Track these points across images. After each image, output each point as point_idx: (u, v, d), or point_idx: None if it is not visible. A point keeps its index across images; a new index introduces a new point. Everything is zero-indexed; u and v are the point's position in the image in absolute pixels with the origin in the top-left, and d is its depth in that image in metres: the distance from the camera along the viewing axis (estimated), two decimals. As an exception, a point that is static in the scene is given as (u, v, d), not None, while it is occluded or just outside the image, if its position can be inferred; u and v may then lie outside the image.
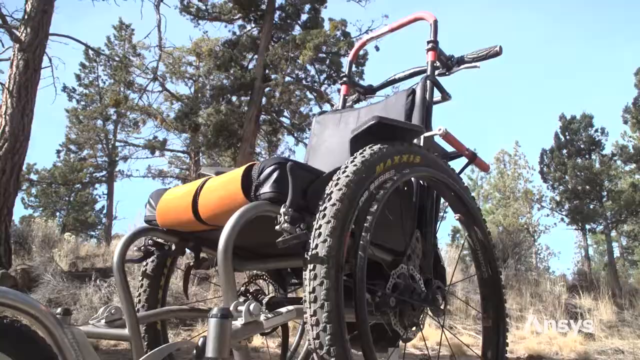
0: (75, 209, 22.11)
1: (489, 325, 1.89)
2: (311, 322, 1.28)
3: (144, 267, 1.93)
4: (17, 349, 1.13)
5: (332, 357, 1.25)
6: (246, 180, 1.44)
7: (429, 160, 1.78)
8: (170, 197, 1.67)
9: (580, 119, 17.16)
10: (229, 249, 1.30)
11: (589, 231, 18.02)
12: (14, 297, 1.18)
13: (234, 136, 12.30)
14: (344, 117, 2.35)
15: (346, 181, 1.43)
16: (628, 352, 7.05)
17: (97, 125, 17.56)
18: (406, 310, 1.62)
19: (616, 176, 16.63)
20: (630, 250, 28.35)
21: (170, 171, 18.97)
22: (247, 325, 1.21)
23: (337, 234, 1.34)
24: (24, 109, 6.65)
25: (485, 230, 1.94)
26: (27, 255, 8.74)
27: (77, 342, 1.26)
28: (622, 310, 11.48)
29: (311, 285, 1.30)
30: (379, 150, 1.56)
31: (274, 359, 4.08)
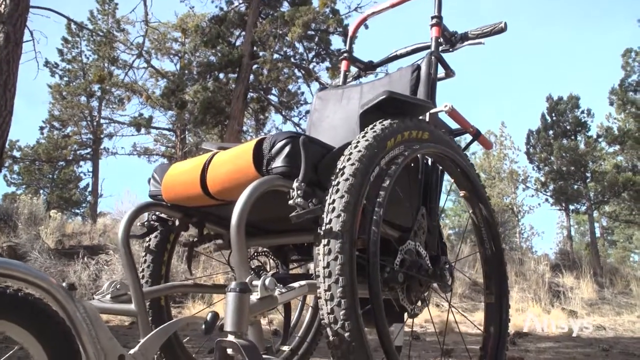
0: (59, 186, 21.83)
1: (491, 301, 1.91)
2: (325, 296, 1.28)
3: (147, 242, 1.91)
4: (32, 322, 1.11)
5: (347, 332, 1.25)
6: (257, 154, 1.42)
7: (437, 137, 1.78)
8: (177, 172, 1.65)
9: (567, 100, 17.28)
10: (242, 223, 1.29)
11: (572, 212, 18.30)
12: (25, 270, 1.16)
13: (221, 114, 12.17)
14: (347, 92, 2.32)
15: (358, 156, 1.42)
16: (609, 328, 7.22)
17: (81, 101, 17.24)
18: (414, 286, 1.63)
19: (600, 157, 16.85)
20: (610, 231, 28.94)
21: (156, 149, 18.78)
22: (262, 300, 1.20)
23: (350, 208, 1.33)
24: (6, 84, 6.48)
25: (489, 207, 1.94)
26: (12, 233, 8.64)
27: (89, 316, 1.25)
28: (602, 289, 11.76)
29: (325, 260, 1.29)
30: (389, 126, 1.55)
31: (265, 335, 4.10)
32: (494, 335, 1.86)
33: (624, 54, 16.08)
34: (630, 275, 13.49)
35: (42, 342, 1.13)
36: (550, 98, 17.59)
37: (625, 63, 16.06)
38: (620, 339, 6.07)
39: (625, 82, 16.11)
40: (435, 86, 2.09)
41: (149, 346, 1.40)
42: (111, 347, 1.28)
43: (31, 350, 1.13)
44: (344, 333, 1.25)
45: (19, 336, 1.11)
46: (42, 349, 1.13)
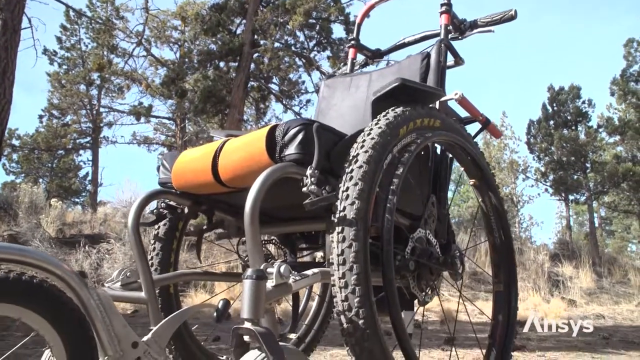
0: (58, 175, 21.79)
1: (500, 290, 1.91)
2: (339, 284, 1.27)
3: (155, 230, 1.90)
4: (48, 309, 1.11)
5: (361, 319, 1.25)
6: (270, 141, 1.41)
7: (448, 125, 1.77)
8: (187, 159, 1.64)
9: (568, 90, 17.23)
10: (255, 210, 1.28)
11: (571, 202, 18.32)
12: (39, 257, 1.15)
13: (221, 103, 12.12)
14: (355, 80, 2.31)
15: (372, 143, 1.41)
16: (609, 317, 7.26)
17: (81, 90, 17.13)
18: (424, 274, 1.63)
19: (600, 148, 16.84)
20: (609, 221, 29.00)
21: (155, 138, 18.72)
22: (277, 287, 1.19)
23: (364, 196, 1.33)
24: (4, 72, 6.44)
25: (499, 196, 1.94)
26: (12, 221, 8.63)
27: (102, 303, 1.25)
28: (600, 278, 11.80)
29: (339, 247, 1.29)
30: (402, 113, 1.54)
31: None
32: (503, 323, 1.86)
33: (626, 44, 16.02)
34: (628, 265, 13.54)
35: (58, 329, 1.13)
36: (551, 88, 17.54)
37: (627, 53, 16.00)
38: (620, 327, 6.11)
39: (626, 73, 16.06)
40: (445, 74, 2.08)
41: (162, 333, 1.40)
42: (125, 334, 1.28)
43: (47, 337, 1.13)
44: (358, 320, 1.25)
45: (35, 323, 1.11)
46: (58, 335, 1.13)
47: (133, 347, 1.30)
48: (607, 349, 3.95)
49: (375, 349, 1.26)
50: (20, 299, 1.08)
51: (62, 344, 1.13)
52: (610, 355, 3.53)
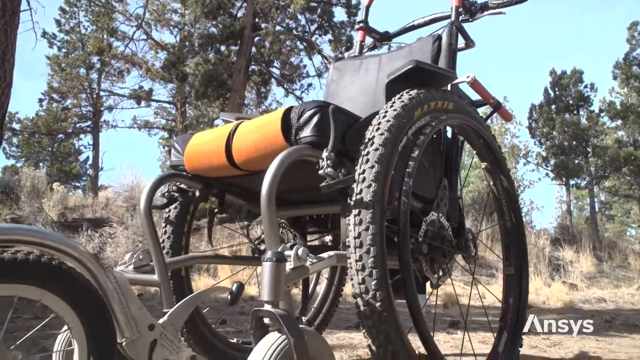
0: (58, 159, 21.75)
1: (511, 273, 1.92)
2: (356, 267, 1.28)
3: (167, 213, 1.90)
4: (67, 291, 1.10)
5: (378, 302, 1.25)
6: (285, 123, 1.40)
7: (461, 107, 1.76)
8: (200, 142, 1.63)
9: (570, 75, 17.11)
10: (272, 193, 1.27)
11: (572, 186, 18.32)
12: (57, 239, 1.15)
13: (222, 87, 12.04)
14: (364, 63, 2.29)
15: (387, 126, 1.40)
16: (610, 300, 7.30)
17: (80, 73, 17.03)
18: (437, 257, 1.63)
19: (602, 132, 16.78)
20: (608, 206, 29.06)
21: (156, 122, 18.66)
22: (295, 269, 1.19)
23: (381, 179, 1.32)
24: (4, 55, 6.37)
25: (510, 179, 1.93)
26: (14, 205, 8.64)
27: (119, 285, 1.25)
28: (601, 262, 11.86)
29: (356, 230, 1.29)
30: (416, 95, 1.53)
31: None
32: (514, 306, 1.86)
33: (630, 27, 15.88)
34: (628, 249, 13.59)
35: (77, 311, 1.13)
36: (553, 72, 17.42)
37: (631, 36, 15.87)
38: (621, 310, 6.14)
39: (629, 56, 15.95)
40: (456, 57, 2.06)
41: (177, 315, 1.40)
42: (141, 316, 1.28)
43: (66, 319, 1.13)
44: (376, 303, 1.25)
45: (54, 304, 1.10)
46: (78, 317, 1.13)
47: (149, 329, 1.30)
48: (610, 332, 3.97)
49: (392, 332, 1.26)
50: (40, 281, 1.07)
51: (81, 326, 1.13)
52: (614, 338, 3.55)
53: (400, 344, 1.28)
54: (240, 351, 2.00)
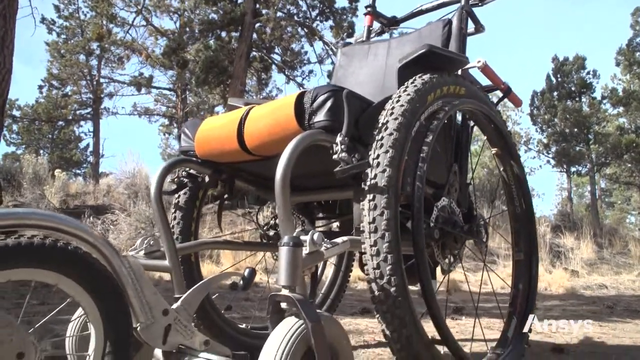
0: (59, 147, 21.73)
1: (520, 258, 1.92)
2: (371, 252, 1.27)
3: (176, 199, 1.89)
4: (84, 276, 1.10)
5: (393, 287, 1.25)
6: (298, 107, 1.39)
7: (473, 92, 1.75)
8: (211, 127, 1.61)
9: (573, 61, 17.04)
10: (286, 178, 1.27)
11: (573, 174, 18.33)
12: (72, 224, 1.14)
13: (223, 73, 11.99)
14: (373, 48, 2.27)
15: (401, 110, 1.39)
16: (611, 286, 7.33)
17: (80, 60, 16.95)
18: (449, 243, 1.62)
19: (604, 119, 16.75)
20: (608, 193, 29.10)
21: (156, 109, 18.62)
22: (310, 254, 1.19)
23: (395, 164, 1.32)
24: (4, 40, 6.31)
25: (521, 164, 1.93)
26: (16, 192, 8.64)
27: (133, 271, 1.24)
28: (601, 249, 11.90)
29: (371, 215, 1.28)
30: (429, 80, 1.52)
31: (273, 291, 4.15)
32: (523, 291, 1.87)
33: (634, 12, 15.77)
34: (628, 236, 13.63)
35: (94, 296, 1.12)
36: (555, 59, 17.34)
37: (635, 22, 15.77)
38: (622, 296, 6.17)
39: (633, 42, 15.86)
40: (466, 41, 2.05)
41: (191, 301, 1.40)
42: (155, 301, 1.28)
43: (83, 304, 1.12)
44: (390, 288, 1.25)
45: (71, 289, 1.10)
46: (94, 302, 1.13)
47: (164, 315, 1.30)
48: (612, 318, 3.99)
49: (406, 317, 1.26)
50: (57, 266, 1.07)
51: (97, 311, 1.13)
52: (617, 324, 3.57)
53: (414, 328, 1.28)
54: (250, 336, 2.01)
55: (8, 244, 1.01)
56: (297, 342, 1.01)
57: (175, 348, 1.33)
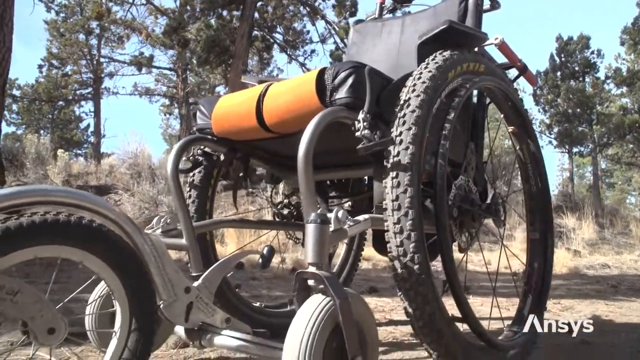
0: (59, 127, 21.66)
1: (536, 237, 1.91)
2: (394, 229, 1.27)
3: (191, 177, 1.88)
4: (108, 253, 1.10)
5: (416, 264, 1.25)
6: (320, 84, 1.37)
7: (492, 70, 1.73)
8: (228, 104, 1.59)
9: (577, 40, 16.88)
10: (309, 155, 1.25)
11: (575, 154, 18.30)
12: (94, 201, 1.14)
13: (225, 53, 11.89)
14: (387, 25, 2.24)
15: (423, 87, 1.37)
16: (614, 266, 7.37)
17: (80, 39, 16.79)
18: (467, 221, 1.62)
19: (607, 99, 16.65)
20: (609, 174, 29.12)
21: (157, 89, 18.51)
22: (335, 232, 1.18)
23: (418, 141, 1.30)
24: (2, 19, 6.23)
25: (537, 143, 1.92)
26: (19, 172, 8.62)
27: (155, 248, 1.24)
28: (602, 229, 11.94)
29: (394, 193, 1.27)
30: (450, 57, 1.50)
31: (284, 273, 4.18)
32: (538, 270, 1.87)
33: (639, -9, 15.57)
34: (629, 216, 13.67)
35: (118, 273, 1.13)
36: (559, 38, 17.18)
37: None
38: (625, 276, 6.21)
39: (638, 21, 15.68)
40: (482, 18, 2.02)
41: (211, 278, 1.40)
42: (177, 279, 1.28)
43: (108, 281, 1.13)
44: (414, 266, 1.25)
45: (96, 266, 1.10)
46: (119, 279, 1.13)
47: (186, 292, 1.30)
48: (617, 297, 4.02)
49: (429, 294, 1.26)
50: (81, 243, 1.07)
51: (123, 288, 1.13)
52: (623, 302, 3.59)
53: (437, 305, 1.28)
54: (264, 315, 2.02)
55: (35, 220, 1.00)
56: (325, 319, 1.01)
57: (197, 325, 1.33)
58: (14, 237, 0.97)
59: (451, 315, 1.36)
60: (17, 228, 0.98)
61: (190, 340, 1.34)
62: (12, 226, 0.97)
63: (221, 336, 1.30)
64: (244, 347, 1.28)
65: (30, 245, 1.00)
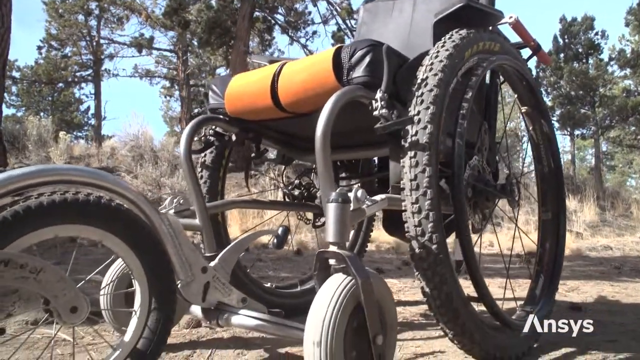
0: (59, 109, 21.55)
1: (548, 218, 1.91)
2: (412, 209, 1.26)
3: (202, 158, 1.87)
4: (127, 232, 1.10)
5: (434, 244, 1.24)
6: (337, 62, 1.35)
7: (507, 49, 1.71)
8: (242, 83, 1.58)
9: (581, 21, 16.72)
10: (327, 134, 1.24)
11: (577, 137, 18.25)
12: (112, 180, 1.13)
13: (226, 34, 11.77)
14: (397, 4, 2.21)
15: (441, 66, 1.36)
16: (616, 248, 7.39)
17: (79, 20, 16.61)
18: (481, 201, 1.61)
19: (610, 81, 16.55)
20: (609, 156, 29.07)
21: (157, 71, 18.38)
22: (354, 211, 1.18)
23: (436, 120, 1.29)
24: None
25: (551, 123, 1.90)
26: (20, 155, 8.60)
27: (172, 228, 1.23)
28: (604, 212, 11.97)
29: (412, 172, 1.26)
30: (467, 35, 1.48)
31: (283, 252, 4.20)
32: (550, 250, 1.87)
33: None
34: (630, 199, 13.70)
35: (137, 252, 1.12)
36: (563, 19, 17.01)
37: (646, -19, 15.40)
38: (628, 257, 6.23)
39: (644, 1, 15.52)
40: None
41: (227, 258, 1.40)
42: (194, 258, 1.28)
43: (127, 260, 1.12)
44: (432, 245, 1.24)
45: (115, 246, 1.10)
46: (138, 259, 1.12)
47: (202, 272, 1.30)
48: (622, 278, 4.03)
49: (447, 274, 1.26)
50: (100, 222, 1.06)
51: (142, 267, 1.13)
52: (627, 283, 3.61)
53: (454, 285, 1.28)
54: (275, 295, 2.02)
55: (55, 200, 1.00)
56: (347, 298, 1.00)
57: (213, 305, 1.33)
58: (35, 216, 0.97)
59: (467, 295, 1.36)
60: (38, 207, 0.97)
61: (207, 320, 1.34)
62: (33, 205, 0.97)
63: (238, 316, 1.30)
64: (262, 326, 1.28)
65: (51, 224, 1.00)
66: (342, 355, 0.98)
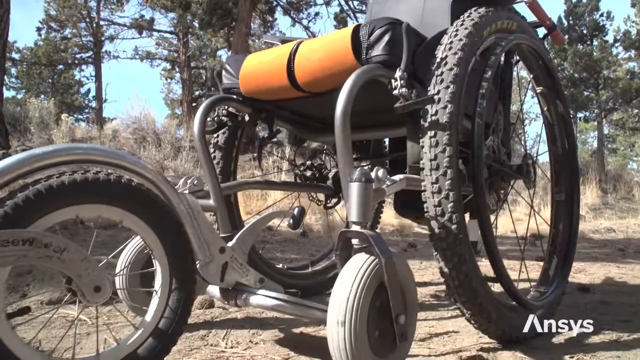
0: (59, 91, 21.44)
1: (561, 199, 1.90)
2: (432, 189, 1.25)
3: (215, 138, 1.86)
4: (147, 212, 1.09)
5: (454, 224, 1.24)
6: (355, 41, 1.33)
7: (523, 28, 1.68)
8: (257, 62, 1.55)
9: (586, 2, 16.52)
10: (347, 114, 1.23)
11: (580, 119, 18.17)
12: (132, 160, 1.12)
13: (228, 15, 11.67)
14: (410, -18, 2.17)
15: (460, 45, 1.34)
16: (619, 230, 7.41)
17: (79, 1, 16.45)
18: (496, 182, 1.60)
19: (614, 63, 16.41)
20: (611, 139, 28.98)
21: (158, 53, 18.24)
22: (375, 191, 1.17)
23: (456, 99, 1.28)
24: (-1, -22, 6.08)
25: (566, 104, 1.89)
26: (22, 137, 8.58)
27: (191, 208, 1.23)
28: (605, 195, 11.97)
29: (432, 152, 1.25)
30: (485, 14, 1.46)
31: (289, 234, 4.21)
32: (564, 231, 1.86)
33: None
34: (633, 181, 13.69)
35: (158, 232, 1.12)
36: (568, 0, 16.81)
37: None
38: (631, 240, 6.24)
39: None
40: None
41: (245, 239, 1.40)
42: (213, 239, 1.28)
43: (147, 240, 1.12)
44: (451, 225, 1.24)
45: (135, 226, 1.09)
46: (158, 239, 1.12)
47: (220, 252, 1.29)
48: (627, 260, 4.05)
49: (466, 253, 1.26)
50: (121, 202, 1.05)
51: (162, 247, 1.12)
52: (633, 265, 3.62)
53: (473, 265, 1.28)
54: (287, 276, 2.03)
55: (76, 179, 0.99)
56: (370, 278, 1.00)
57: (231, 286, 1.33)
58: (57, 195, 0.96)
59: (484, 275, 1.36)
60: (60, 186, 0.96)
61: (225, 300, 1.34)
62: (55, 184, 0.96)
63: (257, 296, 1.30)
64: (280, 306, 1.28)
65: (73, 204, 0.99)
66: (365, 334, 0.98)
